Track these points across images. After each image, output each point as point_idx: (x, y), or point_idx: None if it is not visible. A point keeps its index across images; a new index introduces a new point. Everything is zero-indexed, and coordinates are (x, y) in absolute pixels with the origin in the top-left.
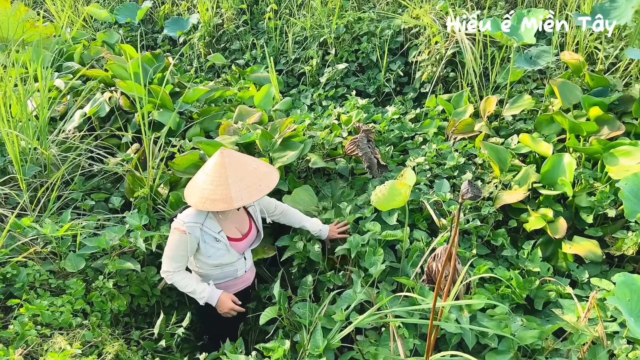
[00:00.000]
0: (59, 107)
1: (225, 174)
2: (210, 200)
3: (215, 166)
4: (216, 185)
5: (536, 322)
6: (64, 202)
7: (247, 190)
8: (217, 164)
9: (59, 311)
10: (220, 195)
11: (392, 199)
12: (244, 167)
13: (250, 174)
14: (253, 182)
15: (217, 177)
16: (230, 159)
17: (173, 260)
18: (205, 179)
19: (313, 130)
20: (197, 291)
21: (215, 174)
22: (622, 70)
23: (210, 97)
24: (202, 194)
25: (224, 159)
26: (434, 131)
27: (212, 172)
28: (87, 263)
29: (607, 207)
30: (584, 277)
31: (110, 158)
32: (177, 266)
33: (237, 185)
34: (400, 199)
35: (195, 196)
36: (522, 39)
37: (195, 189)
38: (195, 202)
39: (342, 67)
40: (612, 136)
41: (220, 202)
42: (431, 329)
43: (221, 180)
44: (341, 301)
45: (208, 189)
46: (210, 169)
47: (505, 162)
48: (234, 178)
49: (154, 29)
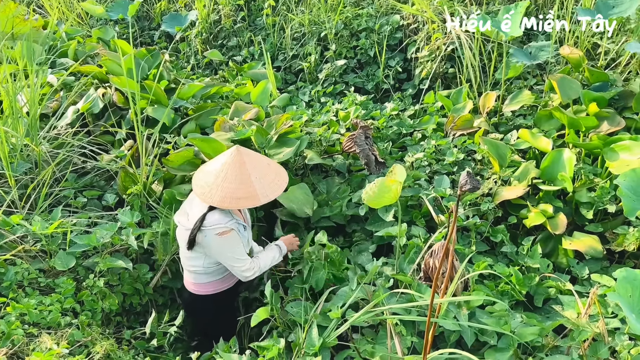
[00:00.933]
0: (52, 103)
1: (247, 172)
2: (234, 198)
3: (234, 165)
4: (238, 183)
5: (536, 319)
6: (55, 200)
7: (269, 187)
8: (235, 162)
9: (47, 310)
10: (244, 193)
11: (382, 195)
12: (261, 164)
13: (267, 170)
14: (272, 179)
15: (239, 175)
16: (248, 157)
17: (242, 254)
18: (226, 178)
19: (311, 127)
20: (275, 256)
21: (236, 172)
22: (623, 65)
23: (206, 93)
24: (224, 192)
25: (242, 157)
26: (432, 127)
27: (232, 171)
28: (77, 261)
29: (607, 203)
30: (584, 273)
31: (103, 155)
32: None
33: (261, 182)
34: (391, 195)
35: (217, 195)
36: (509, 33)
37: (213, 188)
38: (219, 202)
39: (341, 64)
40: (612, 131)
41: (245, 200)
42: (429, 326)
43: (243, 178)
44: (337, 299)
45: (231, 187)
46: (229, 168)
47: (505, 158)
48: (256, 175)
49: (151, 25)
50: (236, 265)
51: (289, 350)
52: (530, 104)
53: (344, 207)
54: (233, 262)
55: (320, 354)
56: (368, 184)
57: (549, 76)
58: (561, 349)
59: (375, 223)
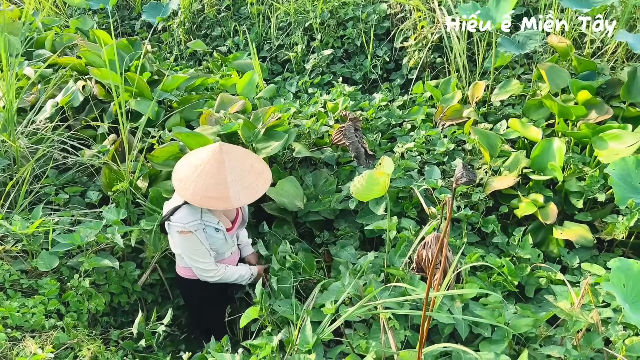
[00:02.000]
0: (29, 96)
1: (223, 172)
2: (206, 197)
3: (212, 162)
4: (214, 183)
5: (530, 310)
6: (36, 197)
7: (244, 191)
8: (214, 160)
9: (31, 312)
10: (217, 194)
11: (371, 188)
12: (242, 165)
13: (247, 173)
14: (250, 182)
15: (215, 175)
16: (229, 156)
17: (201, 257)
18: (202, 174)
19: (299, 119)
20: (244, 275)
21: (213, 171)
22: (610, 54)
23: (190, 85)
24: (196, 188)
25: (223, 156)
26: (422, 118)
27: (209, 168)
28: (61, 261)
29: (596, 192)
30: (575, 262)
31: (85, 150)
32: (209, 260)
33: (236, 185)
34: (379, 188)
35: (190, 190)
36: (496, 21)
37: (187, 181)
38: (190, 197)
39: (327, 53)
40: (600, 120)
41: (216, 200)
42: (424, 320)
43: (219, 178)
44: (328, 294)
45: (204, 186)
46: (207, 164)
47: (495, 148)
48: (232, 177)
49: (131, 15)
50: (194, 265)
51: (281, 348)
52: (518, 93)
53: (333, 203)
54: (191, 261)
55: (314, 351)
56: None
57: (538, 65)
58: (554, 339)
59: (365, 216)
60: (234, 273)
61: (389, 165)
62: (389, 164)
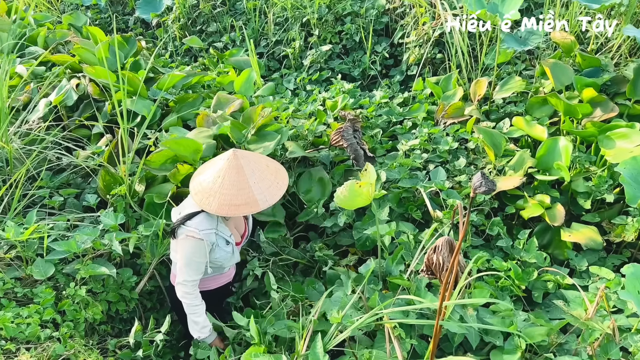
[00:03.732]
0: (22, 95)
1: (244, 177)
2: (233, 205)
3: (231, 170)
4: (237, 189)
5: (543, 318)
6: (30, 201)
7: (268, 191)
8: (232, 167)
9: (26, 323)
10: (243, 200)
11: (354, 199)
12: (259, 166)
13: (266, 173)
14: (271, 182)
15: (237, 181)
16: (245, 160)
17: (194, 270)
18: (223, 184)
19: (297, 118)
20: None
21: (233, 178)
22: (615, 50)
23: (187, 83)
24: (222, 199)
25: (239, 161)
26: (423, 115)
27: (229, 176)
28: (57, 268)
29: (604, 192)
30: (583, 265)
31: (79, 151)
32: (197, 278)
33: (259, 187)
34: (363, 198)
35: (215, 202)
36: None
37: (210, 194)
38: (217, 209)
39: (326, 49)
40: (605, 118)
41: (244, 206)
42: (437, 330)
43: (242, 183)
44: (331, 304)
45: (229, 194)
46: (226, 173)
47: (500, 147)
48: (254, 179)
49: (125, 10)
50: (181, 275)
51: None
52: (521, 90)
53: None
54: (184, 269)
55: None
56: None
57: (541, 62)
58: (566, 347)
59: (368, 221)
60: (201, 315)
61: (372, 174)
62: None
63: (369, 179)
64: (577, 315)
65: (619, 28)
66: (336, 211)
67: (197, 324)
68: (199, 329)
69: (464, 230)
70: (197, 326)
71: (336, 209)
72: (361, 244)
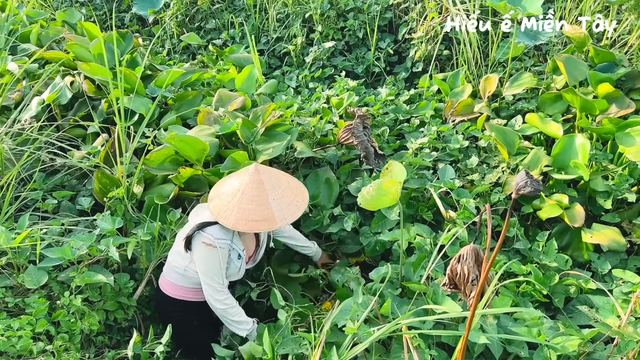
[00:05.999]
0: (13, 94)
1: (265, 193)
2: (251, 221)
3: (252, 184)
4: (256, 204)
5: (574, 328)
6: (22, 204)
7: (287, 209)
8: (253, 182)
9: (17, 336)
10: (261, 216)
11: (380, 199)
12: (280, 183)
13: (286, 190)
14: (291, 200)
15: (257, 197)
16: (267, 176)
17: (216, 275)
18: (242, 198)
19: (302, 116)
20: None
21: (254, 193)
22: (630, 45)
23: (186, 81)
24: (241, 215)
25: (261, 176)
26: (430, 113)
27: (249, 191)
28: (50, 275)
29: (625, 191)
30: (606, 268)
31: (74, 151)
32: (223, 282)
33: (278, 204)
34: (390, 197)
35: (232, 217)
36: (526, 9)
37: (229, 208)
38: (234, 224)
39: (329, 46)
40: (622, 114)
41: (262, 222)
42: (464, 344)
43: (261, 199)
44: (341, 314)
45: (248, 209)
46: (246, 187)
47: (513, 145)
48: (273, 196)
49: (120, 7)
50: (208, 283)
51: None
52: (531, 86)
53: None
54: (205, 277)
55: None
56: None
57: (555, 57)
58: (594, 355)
59: (379, 222)
60: (241, 314)
61: (400, 171)
62: (399, 171)
63: (397, 177)
64: (611, 323)
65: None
66: (340, 216)
67: (241, 323)
68: (245, 327)
69: (502, 237)
70: (241, 325)
71: (340, 214)
72: (371, 249)
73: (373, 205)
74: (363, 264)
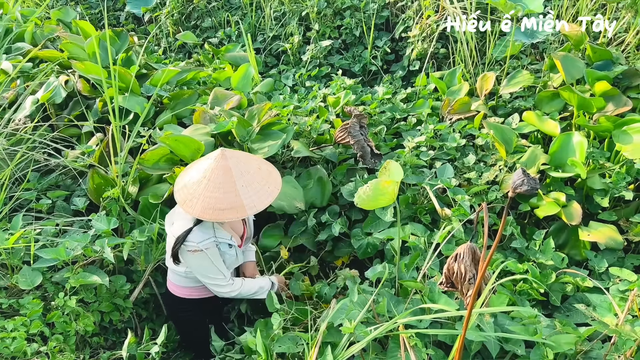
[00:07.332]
0: (7, 93)
1: (232, 179)
2: (217, 210)
3: (218, 171)
4: (223, 192)
5: (569, 324)
6: (16, 204)
7: (257, 196)
8: (219, 167)
9: (11, 337)
10: (228, 204)
11: (377, 198)
12: (249, 168)
13: (256, 176)
14: (261, 186)
15: (223, 183)
16: (234, 161)
17: (217, 274)
18: (208, 185)
19: (298, 115)
20: (264, 287)
21: (220, 180)
22: (627, 43)
23: (182, 79)
24: (206, 203)
25: (228, 162)
26: (427, 112)
27: (215, 178)
28: (45, 276)
29: (622, 189)
30: (603, 266)
31: (68, 151)
32: (227, 274)
33: (247, 191)
34: (387, 197)
35: (198, 205)
36: (527, 6)
37: (194, 196)
38: (200, 213)
39: (326, 44)
40: (619, 113)
41: (229, 211)
42: (462, 343)
43: (228, 186)
44: (337, 313)
45: (214, 197)
46: (212, 174)
47: (511, 143)
48: (242, 182)
49: (115, 5)
50: (209, 283)
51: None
52: (529, 84)
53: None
54: (206, 280)
55: None
56: (362, 175)
57: (552, 54)
58: (591, 354)
59: (371, 224)
60: (254, 286)
61: (397, 171)
62: (396, 170)
63: (394, 177)
64: (608, 321)
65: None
66: (328, 222)
67: (257, 293)
68: (263, 291)
69: (498, 235)
70: (259, 294)
71: (327, 220)
72: (363, 251)
73: (370, 205)
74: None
